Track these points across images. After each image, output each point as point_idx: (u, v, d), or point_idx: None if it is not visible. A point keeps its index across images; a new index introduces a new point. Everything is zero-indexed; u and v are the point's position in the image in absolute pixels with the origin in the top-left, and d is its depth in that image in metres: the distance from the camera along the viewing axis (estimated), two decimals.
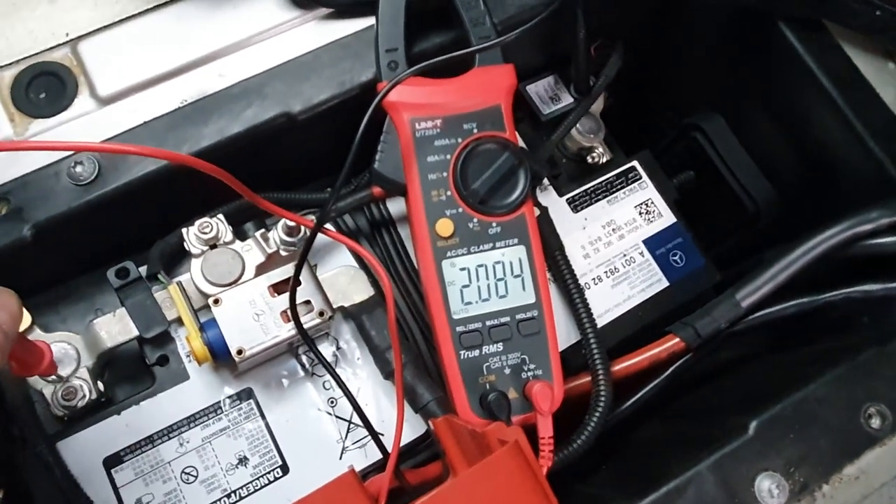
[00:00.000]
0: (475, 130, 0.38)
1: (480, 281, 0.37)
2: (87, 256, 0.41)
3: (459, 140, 0.38)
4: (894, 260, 0.40)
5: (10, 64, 0.41)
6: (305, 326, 0.37)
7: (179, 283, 0.39)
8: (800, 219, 0.46)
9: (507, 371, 0.37)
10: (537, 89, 0.50)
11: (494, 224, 0.38)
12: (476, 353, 0.37)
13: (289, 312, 0.37)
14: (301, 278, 0.38)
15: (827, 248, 0.40)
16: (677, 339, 0.41)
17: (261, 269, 0.39)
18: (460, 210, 0.37)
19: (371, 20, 0.42)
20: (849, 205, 0.41)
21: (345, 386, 0.37)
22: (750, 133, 0.48)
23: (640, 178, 0.49)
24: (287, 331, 0.37)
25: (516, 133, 0.40)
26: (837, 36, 0.44)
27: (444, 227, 0.37)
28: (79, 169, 0.38)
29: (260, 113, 0.40)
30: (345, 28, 0.42)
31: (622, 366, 0.42)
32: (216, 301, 0.37)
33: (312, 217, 0.42)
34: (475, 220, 0.38)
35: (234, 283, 0.38)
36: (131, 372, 0.39)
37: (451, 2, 0.40)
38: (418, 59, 0.41)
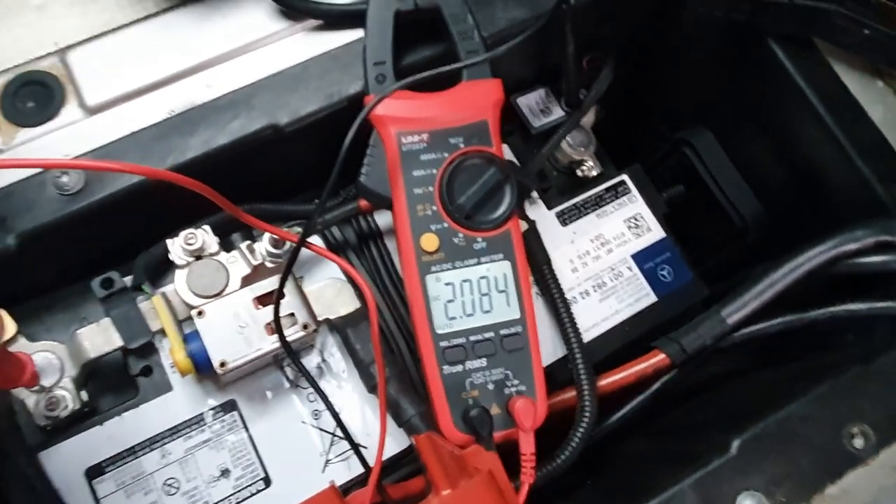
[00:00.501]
0: (462, 145, 0.38)
1: (465, 296, 0.37)
2: (73, 266, 0.41)
3: (446, 155, 0.38)
4: (879, 279, 0.40)
5: None
6: (289, 339, 0.37)
7: (164, 295, 0.38)
8: (788, 235, 0.46)
9: (491, 387, 0.37)
10: (528, 102, 0.50)
11: (480, 239, 0.38)
12: (459, 368, 0.37)
13: (273, 325, 0.37)
14: (286, 291, 0.38)
15: (813, 266, 0.40)
16: (663, 355, 0.41)
17: (246, 281, 0.39)
18: (445, 225, 0.37)
19: (360, 32, 0.42)
20: (836, 222, 0.41)
21: (327, 399, 0.37)
22: (739, 148, 0.48)
23: (630, 192, 0.49)
24: (271, 343, 0.37)
25: (503, 147, 0.40)
26: (827, 53, 0.44)
27: (429, 241, 0.37)
28: (65, 179, 0.38)
29: (247, 124, 0.40)
30: (333, 40, 0.42)
31: (608, 381, 0.42)
32: (200, 313, 0.37)
33: (298, 229, 0.42)
34: (460, 235, 0.38)
35: (218, 294, 0.38)
36: (115, 382, 0.39)
37: (440, 15, 0.40)
38: (406, 72, 0.41)
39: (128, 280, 0.40)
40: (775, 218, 0.48)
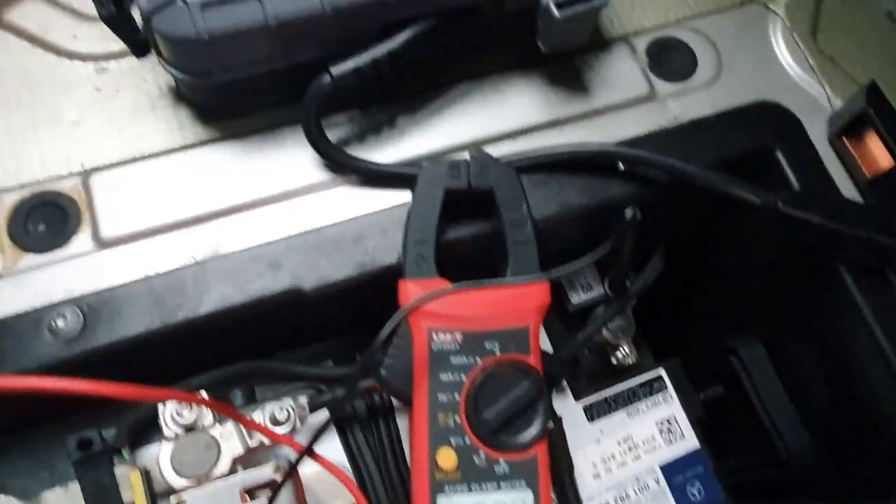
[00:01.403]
0: (497, 352, 0.35)
1: None
2: (54, 410, 0.37)
3: (478, 360, 0.35)
4: None
5: (14, 188, 0.38)
6: None
7: (144, 469, 0.34)
8: (834, 472, 0.42)
9: None
10: (569, 275, 0.47)
11: (503, 461, 0.34)
12: None
13: None
14: None
15: None
16: None
17: (237, 464, 0.35)
18: (467, 441, 0.34)
19: (404, 195, 0.39)
20: (890, 475, 0.37)
21: None
22: (789, 368, 0.44)
23: (666, 389, 0.45)
24: None
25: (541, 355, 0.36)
26: None
27: (447, 457, 0.33)
28: (60, 323, 0.35)
29: (269, 285, 0.37)
30: (375, 200, 0.39)
31: None
32: (179, 503, 0.33)
33: (303, 400, 0.38)
34: (482, 454, 0.34)
35: (205, 475, 0.34)
36: None
37: (492, 198, 0.38)
38: (447, 249, 0.38)
39: (111, 433, 0.36)
40: (821, 450, 0.44)
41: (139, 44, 0.37)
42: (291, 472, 0.32)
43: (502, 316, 0.35)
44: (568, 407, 0.43)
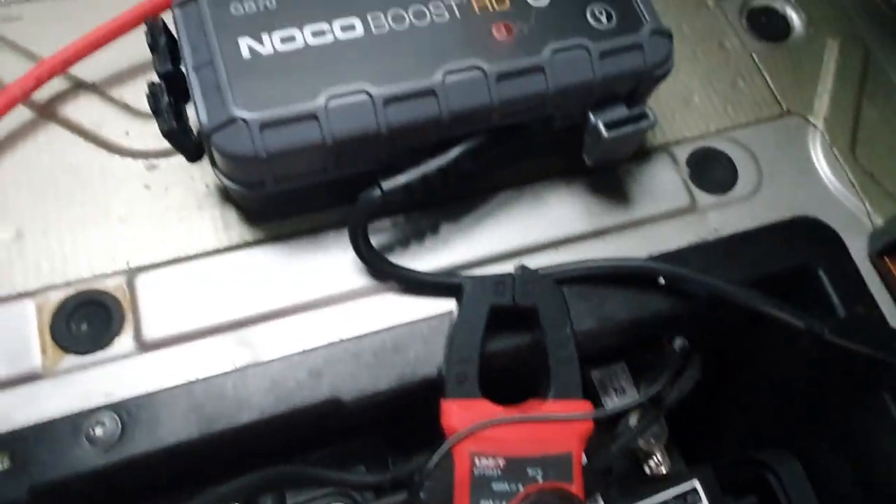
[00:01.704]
0: (539, 479, 0.34)
1: None
2: None
3: (520, 487, 0.34)
4: None
5: (60, 285, 0.38)
6: None
7: None
8: None
9: None
10: (602, 378, 0.47)
11: None
12: None
13: None
14: None
15: None
16: None
17: None
18: None
19: (446, 304, 0.39)
20: None
21: None
22: (825, 485, 0.43)
23: (700, 502, 0.45)
24: None
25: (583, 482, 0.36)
26: None
27: None
28: (98, 430, 0.34)
29: (308, 396, 0.36)
30: (418, 308, 0.39)
31: None
32: None
33: None
34: None
35: None
36: None
37: (536, 316, 0.38)
38: (489, 364, 0.38)
39: None
40: None
41: (192, 150, 0.38)
42: None
43: (546, 441, 0.35)
44: None
